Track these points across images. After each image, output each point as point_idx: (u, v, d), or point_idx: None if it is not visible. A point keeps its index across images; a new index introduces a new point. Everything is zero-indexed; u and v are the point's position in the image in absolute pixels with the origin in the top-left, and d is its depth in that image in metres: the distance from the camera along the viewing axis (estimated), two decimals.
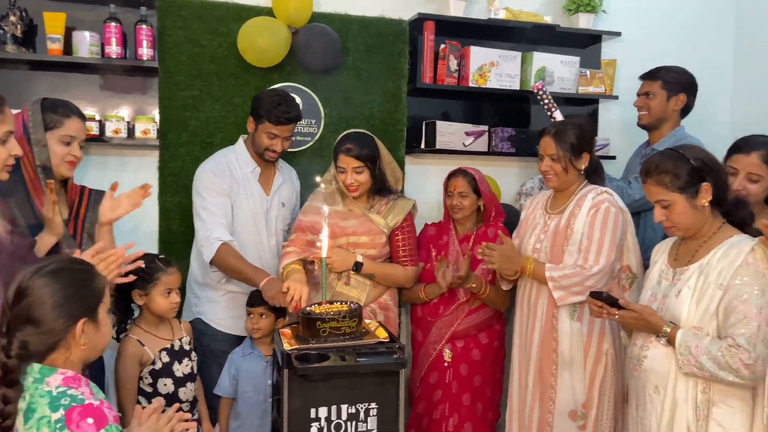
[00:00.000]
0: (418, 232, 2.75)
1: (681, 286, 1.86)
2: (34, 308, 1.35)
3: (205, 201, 2.51)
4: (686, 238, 1.93)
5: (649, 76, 2.86)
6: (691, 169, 1.83)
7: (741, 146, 2.17)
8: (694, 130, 2.90)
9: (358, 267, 2.47)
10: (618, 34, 3.30)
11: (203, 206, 2.51)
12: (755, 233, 1.80)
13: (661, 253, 2.04)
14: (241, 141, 2.67)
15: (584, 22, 3.26)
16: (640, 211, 2.71)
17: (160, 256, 2.29)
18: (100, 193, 2.23)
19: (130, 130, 2.70)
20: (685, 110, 2.85)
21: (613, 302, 1.93)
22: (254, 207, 2.60)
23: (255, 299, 2.45)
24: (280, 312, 2.46)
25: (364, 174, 2.46)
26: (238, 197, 2.57)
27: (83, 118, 2.17)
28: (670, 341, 1.82)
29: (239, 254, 2.44)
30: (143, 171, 2.85)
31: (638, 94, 2.90)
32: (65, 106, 2.12)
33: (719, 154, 2.31)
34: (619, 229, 2.25)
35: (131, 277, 2.00)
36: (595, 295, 1.98)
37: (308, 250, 2.49)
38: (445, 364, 2.66)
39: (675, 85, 2.80)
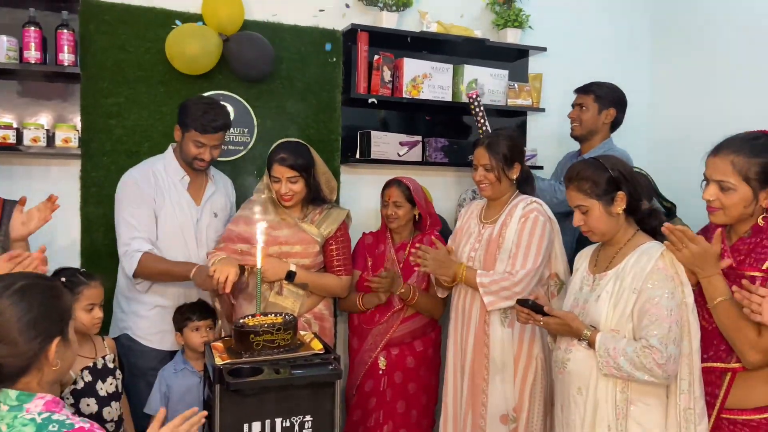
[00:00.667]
0: (354, 241, 2.76)
1: (600, 291, 1.96)
2: (5, 329, 1.28)
3: (125, 212, 2.43)
4: (605, 245, 2.04)
5: (582, 90, 3.01)
6: (609, 178, 1.94)
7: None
8: (617, 137, 3.06)
9: (291, 276, 2.43)
10: (544, 49, 3.42)
11: (123, 218, 2.43)
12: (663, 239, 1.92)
13: (582, 260, 2.13)
14: (170, 149, 2.59)
15: (512, 37, 3.37)
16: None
17: (81, 270, 2.21)
18: (14, 204, 2.10)
19: (50, 139, 2.57)
20: (615, 124, 3.01)
21: (538, 309, 2.03)
22: (182, 217, 2.52)
23: (201, 310, 2.41)
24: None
25: (299, 184, 2.44)
26: (164, 207, 2.49)
27: None
28: (591, 344, 1.91)
29: (160, 257, 2.39)
30: (64, 181, 2.72)
31: (572, 106, 3.03)
32: None
33: (642, 164, 2.47)
34: (547, 237, 2.33)
35: None
36: (522, 302, 2.08)
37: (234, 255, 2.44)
38: (380, 372, 2.67)
39: (606, 99, 2.96)
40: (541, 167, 3.40)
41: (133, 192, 2.44)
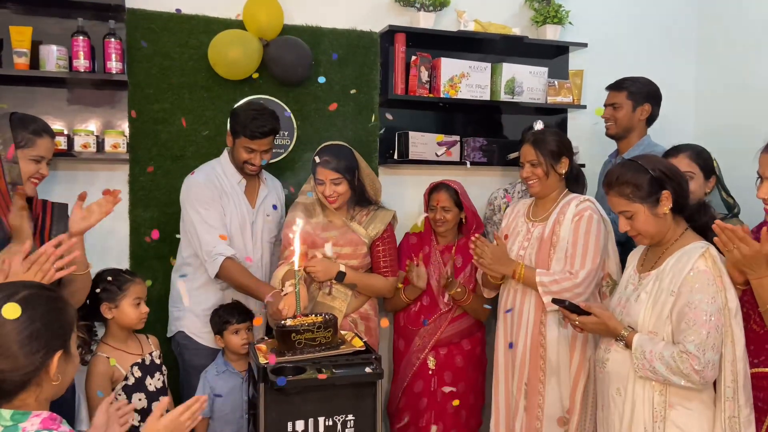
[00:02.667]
0: (398, 242, 2.77)
1: (641, 291, 1.91)
2: (4, 341, 1.19)
3: (200, 214, 2.47)
4: (653, 245, 1.98)
5: (614, 87, 2.92)
6: (651, 178, 1.87)
7: None
8: (660, 139, 2.98)
9: (340, 277, 2.46)
10: (584, 45, 3.37)
11: (200, 220, 2.47)
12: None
13: (633, 258, 2.08)
14: (225, 153, 2.66)
15: (551, 33, 3.32)
16: None
17: (124, 270, 2.29)
18: (63, 206, 2.17)
19: (99, 144, 2.66)
20: (651, 119, 2.92)
21: (574, 309, 1.99)
22: (241, 219, 2.59)
23: (239, 313, 2.43)
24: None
25: (343, 185, 2.47)
26: (227, 209, 2.55)
27: (53, 136, 2.11)
28: (628, 345, 1.87)
29: (243, 267, 2.45)
30: (113, 185, 2.78)
31: (605, 105, 2.95)
32: (36, 123, 2.05)
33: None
34: (603, 236, 2.29)
35: (71, 269, 1.80)
36: (558, 301, 2.05)
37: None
38: (430, 372, 2.69)
39: (639, 95, 2.87)
40: (582, 165, 3.32)
41: (203, 193, 2.50)
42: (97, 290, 2.18)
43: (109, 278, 2.18)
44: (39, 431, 1.20)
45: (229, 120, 2.56)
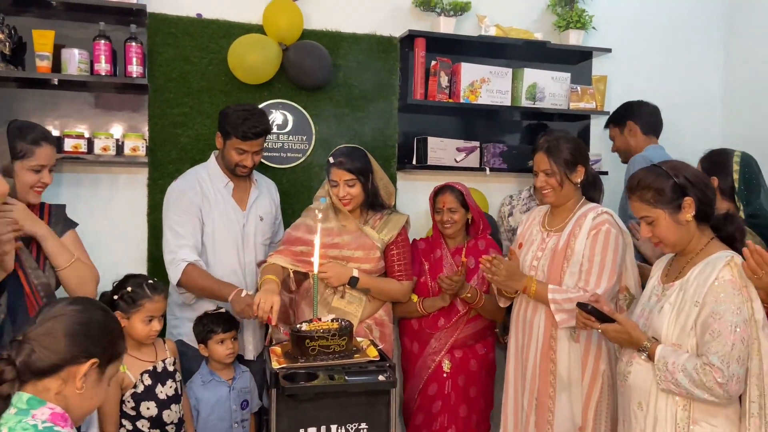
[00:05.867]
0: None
1: (664, 302, 1.85)
2: (57, 325, 1.28)
3: (172, 221, 2.47)
4: (678, 254, 1.92)
5: (606, 125, 3.06)
6: (674, 184, 1.81)
7: None
8: (687, 146, 2.92)
9: (353, 282, 2.44)
10: (608, 50, 3.31)
11: (170, 226, 2.47)
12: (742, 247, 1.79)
13: (657, 268, 2.02)
14: (212, 157, 2.63)
15: (574, 38, 3.27)
16: None
17: (149, 281, 2.22)
18: (61, 207, 2.17)
19: (119, 148, 2.68)
20: (648, 131, 2.98)
21: (597, 315, 1.92)
22: (229, 223, 2.56)
23: (225, 322, 2.37)
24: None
25: (356, 187, 2.45)
26: (211, 214, 2.52)
27: (53, 142, 2.07)
28: (651, 356, 1.81)
29: (205, 272, 2.41)
30: (132, 189, 2.83)
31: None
32: (34, 132, 1.99)
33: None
34: (621, 251, 2.22)
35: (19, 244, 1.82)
36: (581, 305, 1.97)
37: (298, 261, 2.46)
38: (444, 375, 2.65)
39: (617, 117, 3.05)
40: (605, 173, 3.28)
41: (179, 200, 2.49)
42: (115, 297, 2.17)
43: (129, 288, 2.17)
44: (47, 423, 1.24)
45: (219, 120, 2.53)
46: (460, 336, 2.65)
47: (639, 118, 2.98)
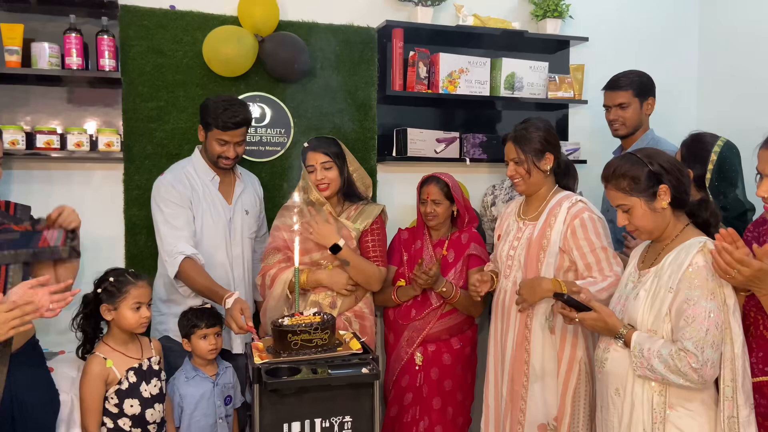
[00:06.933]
0: (390, 236, 2.74)
1: (640, 288, 1.86)
2: None
3: (166, 214, 2.44)
4: (654, 241, 1.93)
5: (617, 87, 2.83)
6: (649, 172, 1.82)
7: None
8: (663, 133, 2.94)
9: (335, 249, 2.44)
10: (585, 39, 3.32)
11: (164, 220, 2.44)
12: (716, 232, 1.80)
13: (634, 255, 2.03)
14: (197, 151, 2.61)
15: (552, 27, 3.28)
16: None
17: (130, 270, 2.22)
18: (26, 208, 2.12)
19: (93, 143, 2.63)
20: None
21: (574, 304, 1.93)
22: (216, 217, 2.55)
23: (209, 317, 2.33)
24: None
25: (333, 170, 2.48)
26: (200, 208, 2.51)
27: None
28: (627, 343, 1.82)
29: (202, 269, 2.39)
30: (108, 185, 2.78)
31: (609, 106, 2.86)
32: None
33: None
34: (608, 231, 2.24)
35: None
36: (558, 295, 1.98)
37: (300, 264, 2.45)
38: (416, 368, 2.64)
39: (644, 90, 2.82)
40: (584, 161, 3.30)
41: (170, 194, 2.47)
42: (99, 290, 2.14)
43: (111, 279, 2.14)
44: None
45: (200, 113, 2.51)
46: (434, 330, 2.63)
47: (655, 97, 2.88)
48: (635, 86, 2.80)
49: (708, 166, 2.28)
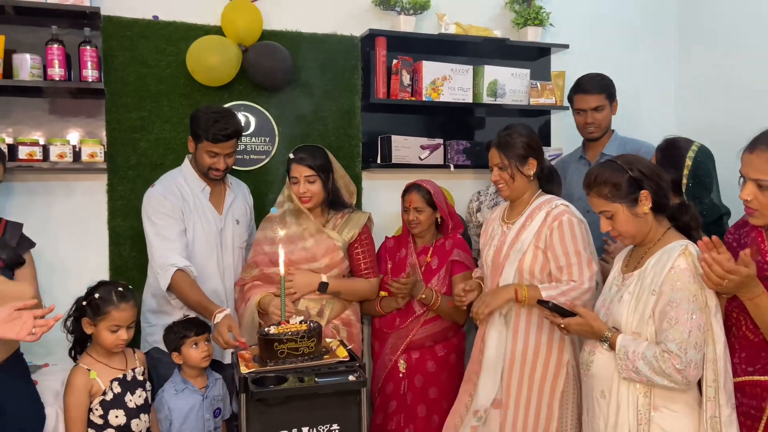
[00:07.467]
0: (376, 243, 2.75)
1: (624, 291, 1.89)
2: None
3: (157, 226, 2.43)
4: (636, 245, 1.97)
5: (591, 90, 2.87)
6: (629, 178, 1.86)
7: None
8: (643, 137, 2.99)
9: (323, 287, 2.45)
10: (566, 46, 3.37)
11: (156, 232, 2.43)
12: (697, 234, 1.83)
13: (618, 259, 2.06)
14: (187, 161, 2.60)
15: (532, 35, 3.32)
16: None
17: (119, 288, 2.16)
18: (16, 225, 2.11)
19: (76, 154, 2.62)
20: None
21: (559, 310, 1.96)
22: (208, 228, 2.54)
23: (197, 326, 2.31)
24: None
25: (317, 184, 2.47)
26: (191, 219, 2.50)
27: None
28: (612, 346, 1.85)
29: (194, 282, 2.38)
30: (91, 196, 2.77)
31: (583, 110, 2.89)
32: None
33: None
34: (587, 237, 2.25)
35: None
36: (542, 303, 2.01)
37: (273, 285, 2.44)
38: (400, 375, 2.65)
39: (612, 92, 2.91)
40: None
41: (162, 205, 2.45)
42: (84, 302, 2.13)
43: (97, 295, 2.11)
44: None
45: (190, 124, 2.50)
46: (417, 337, 2.64)
47: None
48: (606, 89, 2.88)
49: (683, 171, 2.31)
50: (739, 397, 1.79)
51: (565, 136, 3.48)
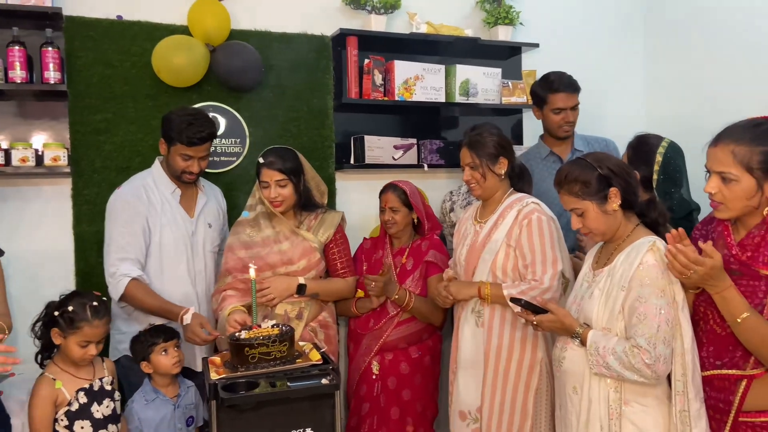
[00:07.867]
0: (354, 246, 2.73)
1: (594, 288, 1.91)
2: None
3: (115, 231, 2.37)
4: (606, 242, 1.98)
5: (575, 88, 2.88)
6: (599, 176, 1.88)
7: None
8: (613, 134, 3.01)
9: (301, 290, 2.42)
10: (536, 45, 3.38)
11: (113, 237, 2.37)
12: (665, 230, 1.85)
13: (589, 256, 2.08)
14: (157, 163, 2.54)
15: (503, 34, 3.33)
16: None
17: (94, 303, 2.09)
18: None
19: (39, 158, 2.54)
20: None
21: (531, 307, 1.98)
22: (177, 231, 2.48)
23: (164, 332, 2.26)
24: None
25: (288, 188, 2.42)
26: (158, 223, 2.44)
27: None
28: (583, 342, 1.86)
29: (149, 288, 2.33)
30: (56, 200, 2.70)
31: (562, 108, 2.87)
32: None
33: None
34: (555, 236, 2.26)
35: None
36: (515, 300, 2.03)
37: (248, 293, 2.39)
38: (373, 377, 2.62)
39: (578, 91, 2.91)
40: None
41: (123, 210, 2.39)
42: (56, 313, 2.06)
43: (71, 308, 2.04)
44: None
45: (162, 126, 2.44)
46: (391, 338, 2.62)
47: None
48: (578, 88, 2.90)
49: (654, 167, 2.33)
50: (707, 390, 1.80)
51: (537, 135, 3.49)
